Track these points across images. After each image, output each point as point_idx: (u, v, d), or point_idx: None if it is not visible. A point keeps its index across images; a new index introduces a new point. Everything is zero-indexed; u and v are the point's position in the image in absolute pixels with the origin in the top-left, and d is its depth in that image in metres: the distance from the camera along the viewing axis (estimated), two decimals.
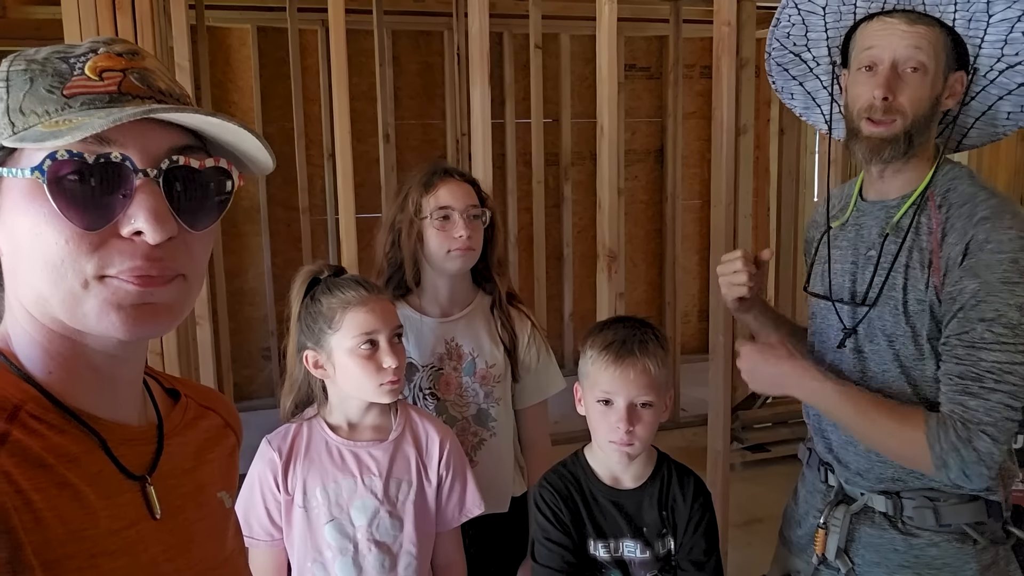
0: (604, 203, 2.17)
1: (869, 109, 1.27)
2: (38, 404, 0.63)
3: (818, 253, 1.47)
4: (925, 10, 1.27)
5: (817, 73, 1.49)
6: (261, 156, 0.70)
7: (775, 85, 1.56)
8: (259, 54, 4.53)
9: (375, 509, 1.42)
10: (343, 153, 2.13)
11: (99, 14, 1.93)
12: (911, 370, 1.29)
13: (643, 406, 1.37)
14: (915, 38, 1.25)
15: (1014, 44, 1.28)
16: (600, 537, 1.41)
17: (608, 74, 2.09)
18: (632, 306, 5.25)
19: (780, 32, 1.45)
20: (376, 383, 1.40)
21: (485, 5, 2.06)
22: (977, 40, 1.29)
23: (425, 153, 4.89)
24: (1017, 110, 1.36)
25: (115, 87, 0.63)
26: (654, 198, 5.45)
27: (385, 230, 1.71)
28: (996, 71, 1.32)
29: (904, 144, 1.27)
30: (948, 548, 1.30)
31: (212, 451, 0.80)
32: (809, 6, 1.37)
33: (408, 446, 1.48)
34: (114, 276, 0.61)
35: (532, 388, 1.80)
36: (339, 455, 1.44)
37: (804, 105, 1.57)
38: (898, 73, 1.26)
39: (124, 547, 0.63)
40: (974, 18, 1.26)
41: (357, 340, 1.39)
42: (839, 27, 1.38)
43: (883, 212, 1.35)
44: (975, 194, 1.26)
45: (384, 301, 1.45)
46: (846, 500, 1.40)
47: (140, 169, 0.62)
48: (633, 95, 5.39)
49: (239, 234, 4.70)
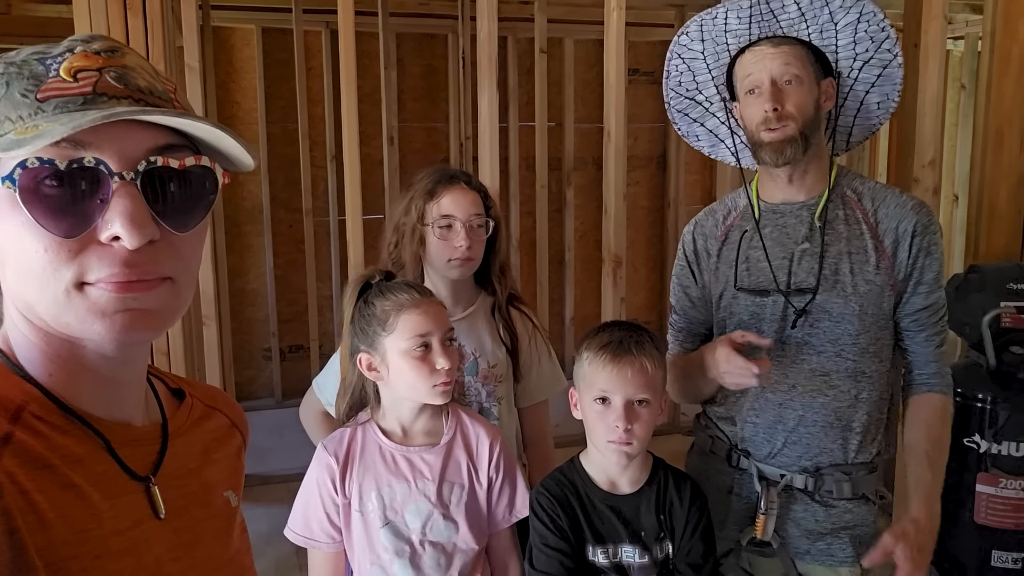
0: (610, 208, 2.18)
1: (764, 122, 1.46)
2: (41, 405, 0.62)
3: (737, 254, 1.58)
4: (784, 33, 1.49)
5: (713, 112, 1.67)
6: (241, 154, 0.68)
7: (681, 131, 1.73)
8: (263, 55, 4.54)
9: (429, 512, 1.43)
10: (350, 155, 2.14)
11: (110, 15, 1.94)
12: (850, 344, 1.48)
13: (640, 404, 1.39)
14: (783, 56, 1.46)
15: (863, 43, 1.51)
16: (598, 543, 1.42)
17: (616, 80, 2.10)
18: (633, 311, 5.25)
19: (672, 82, 1.66)
20: (430, 384, 1.41)
21: (494, 9, 2.07)
22: (832, 47, 1.52)
23: (428, 156, 4.90)
24: (884, 99, 1.59)
25: (90, 88, 0.61)
26: (655, 204, 5.47)
27: (389, 232, 1.72)
28: (855, 69, 1.55)
29: (802, 143, 1.46)
30: (859, 511, 1.52)
31: (218, 451, 0.80)
32: (690, 53, 1.59)
33: (459, 450, 1.49)
34: (94, 284, 0.60)
35: (534, 387, 1.81)
36: (392, 460, 1.45)
37: (710, 144, 1.73)
38: (779, 87, 1.46)
39: (128, 547, 0.63)
40: (823, 30, 1.49)
41: (411, 342, 1.40)
42: (719, 66, 1.58)
43: (804, 211, 1.52)
44: (883, 186, 1.54)
45: (436, 304, 1.46)
46: (768, 483, 1.52)
47: (116, 172, 0.60)
48: (636, 100, 5.40)
49: (241, 235, 4.71)
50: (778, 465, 1.54)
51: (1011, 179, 2.59)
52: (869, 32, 1.51)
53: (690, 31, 1.57)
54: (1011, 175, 2.59)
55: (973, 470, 2.15)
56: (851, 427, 1.50)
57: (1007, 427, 2.10)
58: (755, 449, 1.56)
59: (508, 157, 4.77)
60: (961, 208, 4.88)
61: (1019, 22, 2.54)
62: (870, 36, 1.52)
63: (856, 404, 1.49)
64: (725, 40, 1.53)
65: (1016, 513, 2.09)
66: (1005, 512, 2.10)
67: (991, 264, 2.38)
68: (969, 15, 4.63)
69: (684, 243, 1.70)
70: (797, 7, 1.47)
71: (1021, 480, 2.08)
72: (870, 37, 1.52)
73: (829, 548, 1.52)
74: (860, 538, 1.51)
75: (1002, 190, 2.61)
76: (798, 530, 1.52)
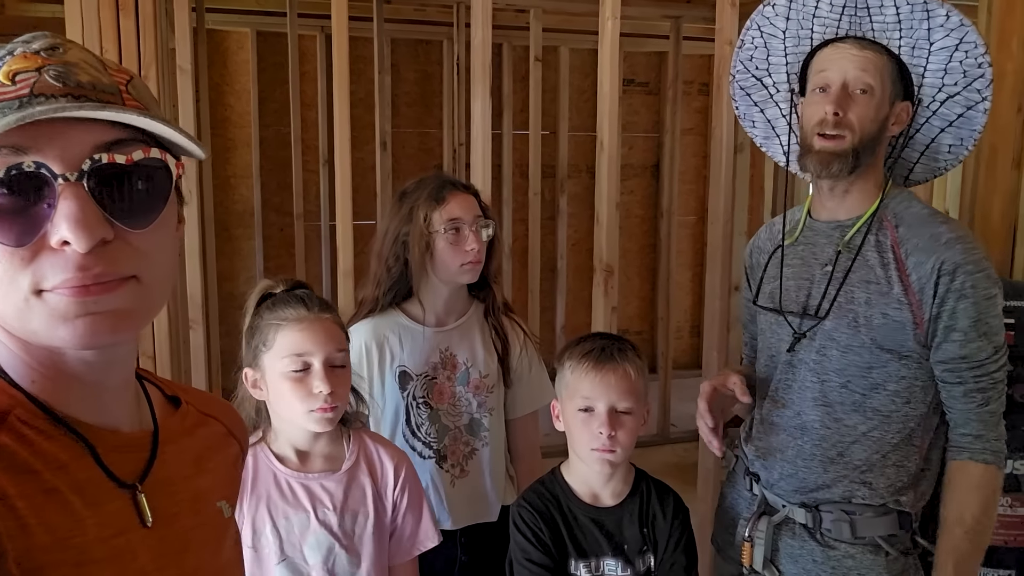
0: (603, 217, 2.17)
1: (821, 124, 1.35)
2: (27, 410, 0.61)
3: (767, 271, 1.52)
4: (874, 36, 1.37)
5: (777, 100, 1.56)
6: (189, 144, 0.66)
7: (738, 111, 1.62)
8: (257, 58, 4.52)
9: (330, 545, 1.33)
10: (342, 160, 2.12)
11: (102, 16, 1.93)
12: (858, 377, 1.37)
13: (623, 412, 1.38)
14: (863, 62, 1.35)
15: (953, 74, 1.38)
16: (581, 556, 1.40)
17: (610, 89, 2.10)
18: (625, 321, 5.25)
19: (744, 54, 1.53)
20: (305, 408, 1.30)
21: (489, 16, 2.07)
22: (920, 69, 1.39)
23: (422, 162, 4.90)
24: (957, 143, 1.45)
25: (27, 90, 0.58)
26: (649, 213, 5.47)
27: (388, 241, 1.69)
28: (937, 101, 1.42)
29: (852, 159, 1.35)
30: (863, 559, 1.37)
31: (213, 459, 0.79)
32: (771, 29, 1.46)
33: (363, 475, 1.39)
34: (50, 290, 0.59)
35: (523, 399, 1.80)
36: (289, 488, 1.34)
37: (764, 134, 1.63)
38: (848, 93, 1.35)
39: (112, 555, 0.62)
40: (917, 46, 1.37)
41: (286, 362, 1.30)
42: (797, 52, 1.46)
43: (836, 231, 1.42)
44: (932, 215, 1.38)
45: (326, 322, 1.34)
46: (768, 511, 1.45)
47: (60, 174, 0.58)
48: (631, 110, 5.41)
49: (231, 238, 4.68)
50: (778, 494, 1.44)
51: (1004, 195, 2.59)
52: (964, 65, 1.36)
53: (777, 4, 1.42)
54: (1004, 191, 2.59)
55: None
56: (853, 464, 1.37)
57: None
58: (763, 474, 1.48)
59: (502, 164, 4.76)
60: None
61: (1012, 39, 2.54)
62: (964, 69, 1.37)
63: (861, 440, 1.37)
64: (811, 26, 1.41)
65: (1006, 530, 2.08)
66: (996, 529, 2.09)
67: None
68: None
69: (744, 257, 1.66)
70: (896, 12, 1.34)
71: (1009, 497, 2.08)
72: (963, 71, 1.37)
73: None
74: None
75: (995, 206, 2.60)
76: (795, 568, 1.42)
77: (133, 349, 0.71)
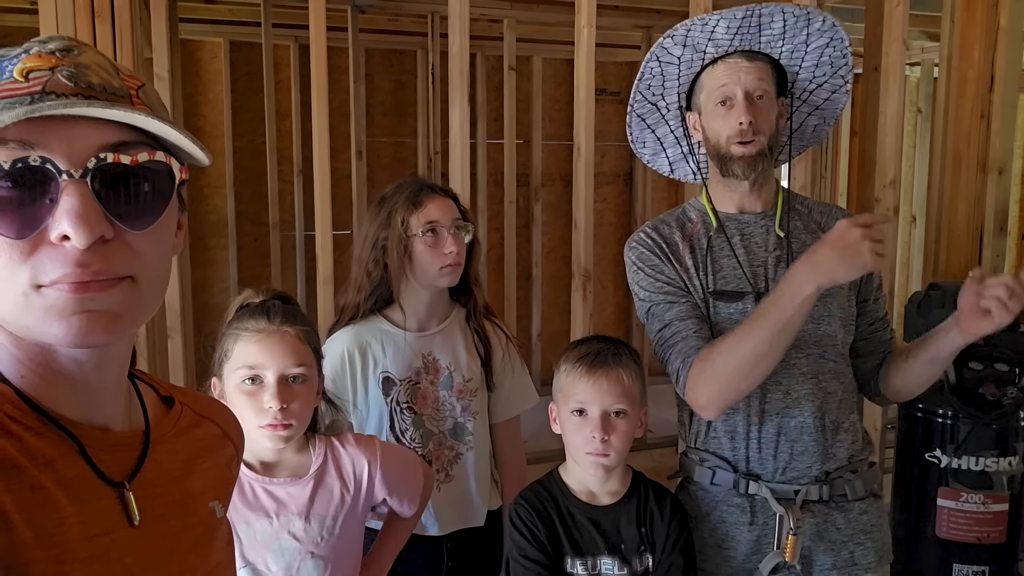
0: (580, 223, 2.19)
1: (739, 134, 1.47)
2: (16, 406, 0.61)
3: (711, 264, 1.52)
4: (760, 48, 1.51)
5: (667, 119, 1.67)
6: (194, 150, 0.67)
7: (632, 135, 1.71)
8: (231, 68, 4.50)
9: (294, 552, 1.30)
10: (321, 169, 2.12)
11: (77, 22, 1.92)
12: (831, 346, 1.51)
13: (617, 415, 1.40)
14: (757, 71, 1.49)
15: (823, 66, 1.56)
16: (577, 554, 1.42)
17: (586, 96, 2.13)
18: (600, 327, 5.27)
19: (643, 84, 1.61)
20: (256, 423, 1.27)
21: (466, 24, 2.09)
22: (796, 68, 1.57)
23: (397, 170, 4.89)
24: (821, 122, 1.66)
25: (39, 87, 0.60)
26: (622, 220, 5.51)
27: (367, 247, 1.69)
28: (808, 91, 1.61)
29: (769, 157, 1.52)
30: (873, 511, 1.53)
31: (206, 460, 0.79)
32: (668, 57, 1.56)
33: (331, 478, 1.37)
34: (48, 285, 0.59)
35: (505, 403, 1.81)
36: (252, 493, 1.32)
37: (653, 151, 1.73)
38: (752, 101, 1.48)
39: (96, 554, 0.62)
40: (795, 49, 1.53)
41: (239, 374, 1.29)
42: (689, 73, 1.57)
43: (765, 220, 1.56)
44: (818, 202, 1.64)
45: (286, 335, 1.30)
46: (784, 503, 1.45)
47: (64, 170, 0.59)
48: (603, 119, 5.45)
49: (205, 248, 4.64)
50: (790, 480, 1.47)
51: (968, 199, 2.66)
52: (832, 57, 1.54)
53: (676, 35, 1.52)
54: (968, 195, 2.66)
55: (935, 485, 2.18)
56: (843, 427, 1.50)
57: (968, 442, 2.14)
58: (763, 469, 1.49)
59: (476, 173, 4.78)
60: (919, 228, 4.99)
61: (974, 47, 2.62)
62: (831, 61, 1.55)
63: (842, 404, 1.51)
64: (704, 48, 1.52)
65: (978, 527, 2.12)
66: (967, 526, 2.13)
67: (951, 281, 2.44)
68: (925, 42, 4.76)
69: (642, 241, 1.57)
70: (783, 25, 1.48)
71: (981, 494, 2.12)
72: (831, 62, 1.55)
73: (852, 556, 1.49)
74: (880, 541, 1.52)
75: (960, 210, 2.67)
76: (822, 544, 1.47)
77: (126, 349, 0.71)
